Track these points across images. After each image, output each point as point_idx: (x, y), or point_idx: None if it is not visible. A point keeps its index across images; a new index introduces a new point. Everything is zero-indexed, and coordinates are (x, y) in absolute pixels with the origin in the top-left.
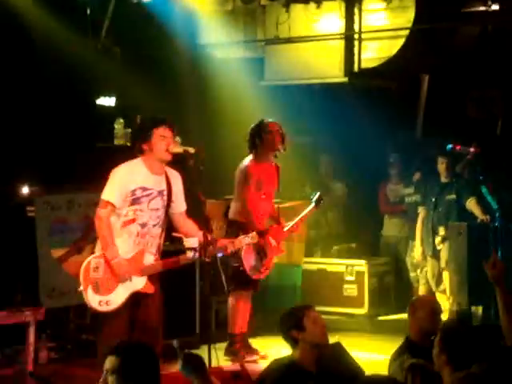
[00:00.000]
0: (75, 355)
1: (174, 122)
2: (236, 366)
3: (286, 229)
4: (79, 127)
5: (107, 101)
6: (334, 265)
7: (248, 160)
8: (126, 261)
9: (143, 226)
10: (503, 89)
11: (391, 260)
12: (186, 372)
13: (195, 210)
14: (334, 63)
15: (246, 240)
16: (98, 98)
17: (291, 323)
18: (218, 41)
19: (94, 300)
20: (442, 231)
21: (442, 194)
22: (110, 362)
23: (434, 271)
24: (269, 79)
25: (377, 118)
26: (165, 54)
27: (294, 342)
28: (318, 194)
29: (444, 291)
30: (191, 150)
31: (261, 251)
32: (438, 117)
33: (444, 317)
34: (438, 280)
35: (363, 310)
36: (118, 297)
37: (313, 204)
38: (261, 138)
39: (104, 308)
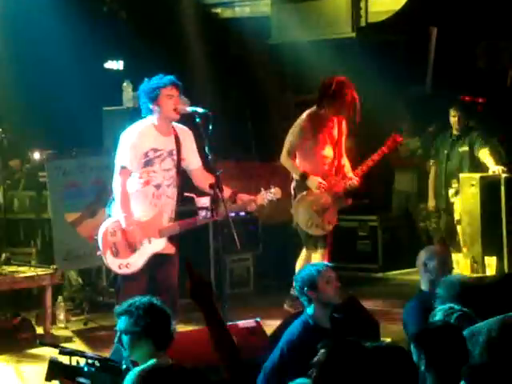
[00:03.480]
0: (92, 317)
1: (180, 82)
2: (251, 323)
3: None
4: (88, 91)
5: (115, 64)
6: (347, 221)
7: None
8: (141, 226)
9: (158, 187)
10: None
11: (403, 214)
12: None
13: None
14: (341, 19)
15: (268, 196)
16: (106, 61)
17: (305, 282)
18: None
19: (113, 263)
20: (455, 183)
21: (454, 146)
22: (123, 322)
23: (448, 226)
24: (276, 37)
25: (386, 73)
26: (171, 15)
27: (308, 300)
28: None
29: (457, 247)
30: (200, 109)
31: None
32: (448, 70)
33: (458, 269)
34: (452, 235)
35: (377, 265)
36: (138, 259)
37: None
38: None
39: (124, 271)
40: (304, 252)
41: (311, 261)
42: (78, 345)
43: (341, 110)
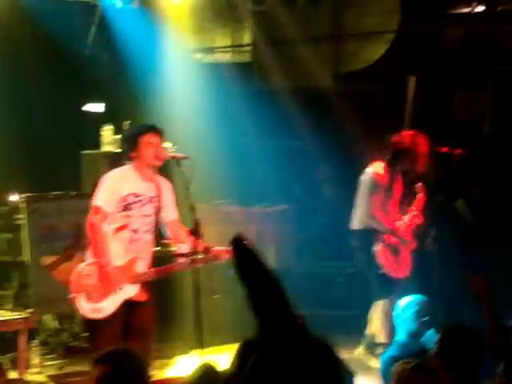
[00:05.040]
0: (67, 362)
1: (161, 129)
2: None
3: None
4: (66, 134)
5: (96, 107)
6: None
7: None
8: (118, 268)
9: (135, 232)
10: (489, 89)
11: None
12: None
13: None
14: (321, 67)
15: None
16: (86, 104)
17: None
18: (206, 46)
19: (85, 307)
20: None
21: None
22: (98, 370)
23: None
24: (257, 83)
25: (364, 121)
26: (156, 61)
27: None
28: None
29: None
30: (179, 155)
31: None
32: (425, 119)
33: None
34: None
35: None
36: (110, 304)
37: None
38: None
39: (96, 315)
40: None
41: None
42: None
43: (415, 165)
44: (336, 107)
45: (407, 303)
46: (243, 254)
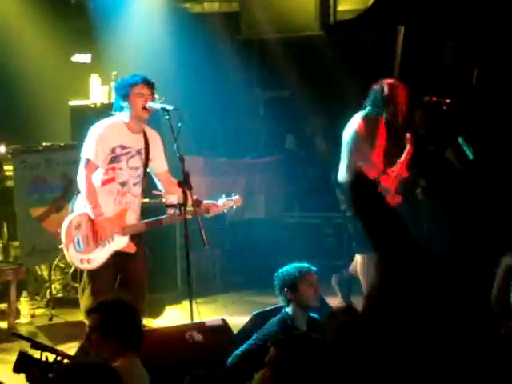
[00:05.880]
0: (57, 313)
1: (152, 81)
2: (217, 321)
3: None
4: (55, 85)
5: (83, 57)
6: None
7: None
8: (108, 219)
9: (123, 184)
10: (479, 38)
11: None
12: None
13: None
14: (310, 16)
15: (229, 203)
16: (74, 54)
17: (286, 283)
18: None
19: (75, 258)
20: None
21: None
22: (92, 320)
23: None
24: (244, 34)
25: (353, 71)
26: (138, 9)
27: (286, 300)
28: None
29: None
30: (169, 106)
31: None
32: (414, 68)
33: None
34: None
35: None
36: (99, 255)
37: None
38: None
39: (85, 266)
40: None
41: None
42: (42, 340)
43: (396, 114)
44: (325, 57)
45: None
46: (364, 188)
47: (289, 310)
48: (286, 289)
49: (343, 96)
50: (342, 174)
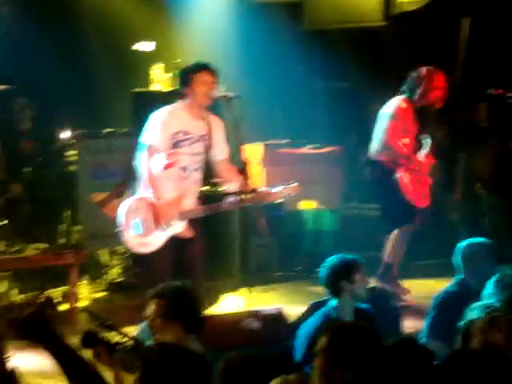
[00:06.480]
0: (118, 297)
1: (215, 68)
2: (273, 310)
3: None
4: (119, 72)
5: (147, 45)
6: (371, 210)
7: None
8: (167, 203)
9: (184, 169)
10: None
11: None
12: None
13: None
14: (374, 7)
15: (286, 191)
16: (138, 42)
17: (343, 274)
18: None
19: (132, 241)
20: None
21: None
22: (157, 305)
23: None
24: (307, 24)
25: (415, 62)
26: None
27: (337, 291)
28: None
29: None
30: (231, 94)
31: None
32: (479, 60)
33: None
34: None
35: None
36: (156, 239)
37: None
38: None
39: (142, 249)
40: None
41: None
42: None
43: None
44: (387, 48)
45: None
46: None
47: (334, 302)
48: (342, 279)
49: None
50: (373, 153)
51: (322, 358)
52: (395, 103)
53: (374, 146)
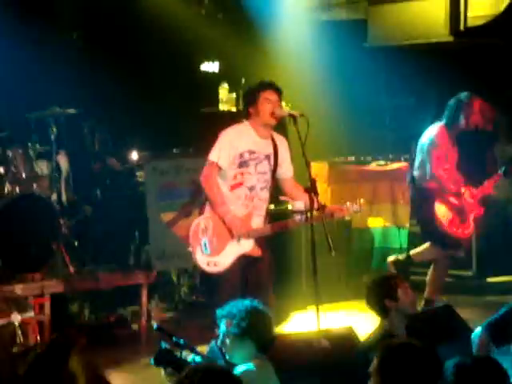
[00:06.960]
0: (186, 316)
1: (280, 88)
2: (343, 329)
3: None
4: (185, 93)
5: (211, 66)
6: None
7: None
8: (237, 218)
9: (251, 189)
10: None
11: (499, 221)
12: None
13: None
14: (439, 22)
15: (354, 208)
16: (202, 63)
17: (384, 293)
18: (321, 3)
19: (202, 261)
20: None
21: None
22: (225, 324)
23: None
24: (372, 41)
25: (483, 77)
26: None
27: (384, 311)
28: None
29: None
30: (296, 113)
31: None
32: None
33: None
34: None
35: (471, 272)
36: (225, 258)
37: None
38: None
39: (212, 269)
40: None
41: None
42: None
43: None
44: (453, 63)
45: None
46: None
47: (385, 321)
48: (384, 298)
49: None
50: (419, 181)
51: (376, 378)
52: (435, 131)
53: (418, 173)
